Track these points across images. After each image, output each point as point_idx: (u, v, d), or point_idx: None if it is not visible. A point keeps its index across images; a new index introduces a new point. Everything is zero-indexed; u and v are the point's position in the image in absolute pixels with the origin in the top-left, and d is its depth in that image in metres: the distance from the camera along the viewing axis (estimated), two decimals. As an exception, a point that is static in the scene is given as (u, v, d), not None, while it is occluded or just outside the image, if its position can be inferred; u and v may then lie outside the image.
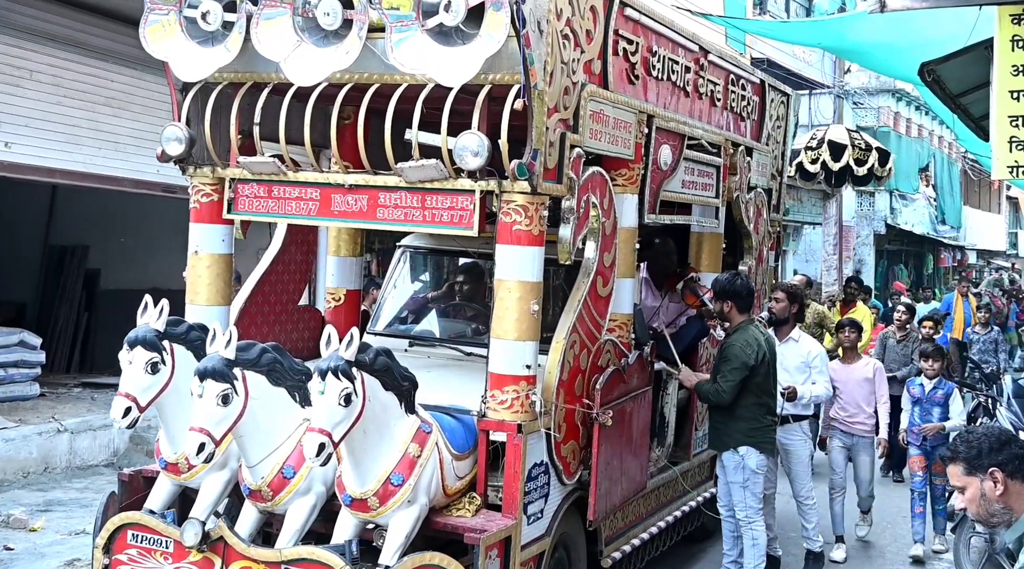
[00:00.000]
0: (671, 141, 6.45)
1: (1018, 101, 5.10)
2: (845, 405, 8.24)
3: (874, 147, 12.54)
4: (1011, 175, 5.27)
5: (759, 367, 6.44)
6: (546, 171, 5.01)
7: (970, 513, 3.39)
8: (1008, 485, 3.23)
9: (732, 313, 6.59)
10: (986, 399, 10.05)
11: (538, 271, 5.06)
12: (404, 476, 4.70)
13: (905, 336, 10.50)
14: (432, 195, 5.12)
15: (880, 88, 26.58)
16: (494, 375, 5.08)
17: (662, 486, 6.96)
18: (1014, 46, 5.10)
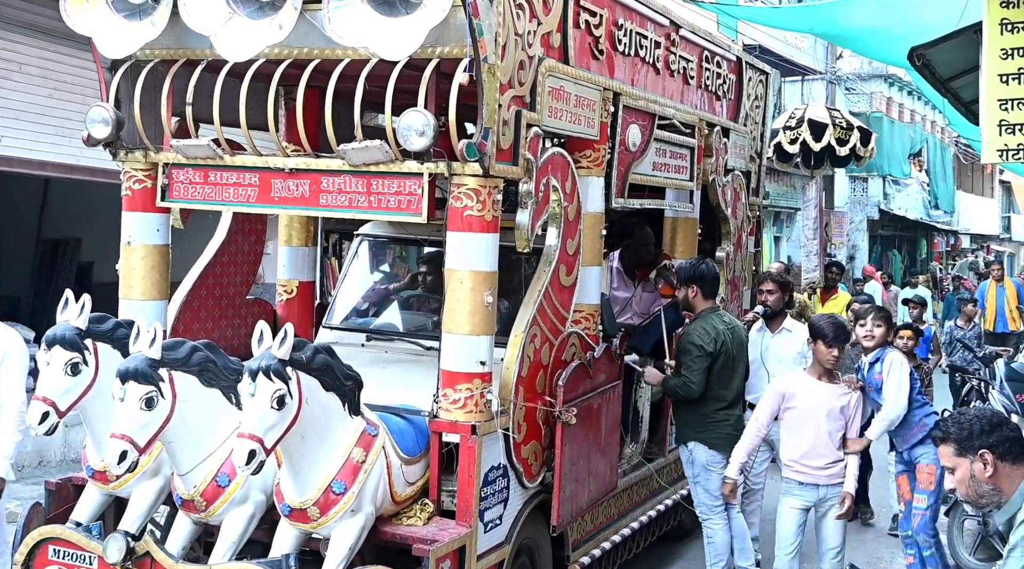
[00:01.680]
0: (640, 121, 6.09)
1: (1007, 85, 5.07)
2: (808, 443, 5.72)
3: (855, 126, 12.13)
4: (1001, 158, 5.24)
5: (717, 355, 6.10)
6: (499, 152, 4.64)
7: (959, 494, 3.39)
8: (998, 467, 3.24)
9: (696, 299, 6.24)
10: (979, 382, 9.91)
11: (492, 260, 4.70)
12: (347, 483, 4.34)
13: None
14: (378, 179, 4.75)
15: (872, 74, 26.42)
16: (446, 373, 4.72)
17: (636, 484, 6.62)
18: (1003, 29, 5.06)
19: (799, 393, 5.70)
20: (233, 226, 5.98)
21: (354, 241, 6.84)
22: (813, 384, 5.71)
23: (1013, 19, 5.05)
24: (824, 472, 5.66)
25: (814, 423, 5.65)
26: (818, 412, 5.65)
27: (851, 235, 26.25)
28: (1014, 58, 5.09)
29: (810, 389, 5.70)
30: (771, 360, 6.94)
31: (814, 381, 5.71)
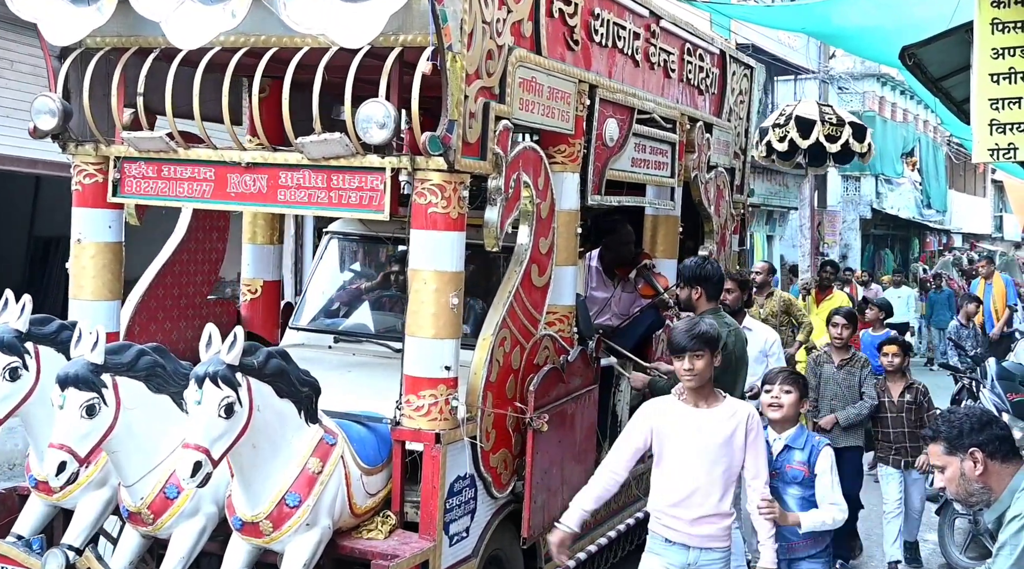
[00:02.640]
0: (618, 114, 5.86)
1: (998, 84, 5.08)
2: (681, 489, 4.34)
3: (847, 122, 11.81)
4: (992, 158, 5.23)
5: (723, 359, 5.82)
6: (466, 146, 4.41)
7: (949, 493, 3.41)
8: (988, 465, 3.27)
9: (700, 301, 5.93)
10: (970, 382, 9.77)
11: (457, 259, 4.47)
12: (302, 495, 4.11)
13: (850, 359, 7.10)
14: (338, 174, 4.52)
15: (865, 73, 26.49)
16: (409, 378, 4.49)
17: (614, 491, 6.38)
18: (994, 29, 5.06)
19: (668, 423, 4.29)
20: (193, 223, 5.73)
21: (323, 239, 6.60)
22: (685, 411, 4.28)
23: (1004, 19, 5.05)
24: (696, 529, 4.24)
25: (689, 461, 4.26)
26: (693, 446, 4.25)
27: (843, 234, 26.18)
28: (1005, 57, 5.10)
29: (682, 417, 4.28)
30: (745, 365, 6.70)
31: (685, 407, 4.29)
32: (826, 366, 7.15)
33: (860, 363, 7.09)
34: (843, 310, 7.38)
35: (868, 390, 6.96)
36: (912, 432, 6.79)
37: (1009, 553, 3.19)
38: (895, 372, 6.92)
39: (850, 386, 7.06)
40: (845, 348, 7.15)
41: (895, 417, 6.88)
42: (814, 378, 7.04)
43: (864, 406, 6.91)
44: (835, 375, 7.07)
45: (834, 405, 7.00)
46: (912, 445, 6.83)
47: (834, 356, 7.15)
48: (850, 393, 7.03)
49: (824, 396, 7.08)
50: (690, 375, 4.25)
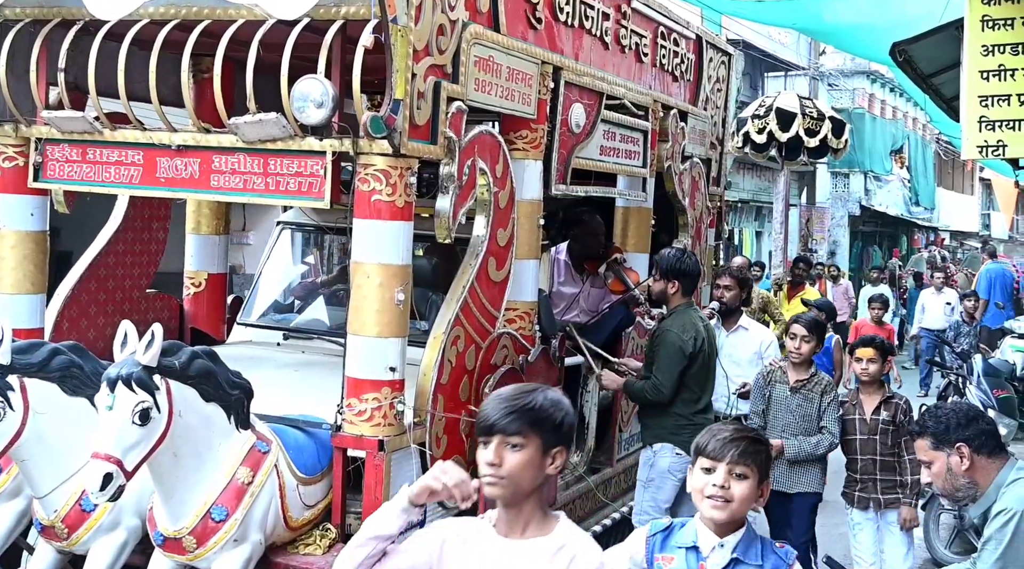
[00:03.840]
0: (585, 99, 5.52)
1: (988, 81, 5.14)
2: None
3: (827, 117, 11.58)
4: (980, 155, 5.30)
5: (696, 356, 5.51)
6: (413, 128, 4.06)
7: (936, 487, 3.43)
8: (974, 460, 3.29)
9: (675, 296, 5.61)
10: (957, 377, 9.86)
11: (404, 251, 4.12)
12: (229, 509, 3.76)
13: (807, 381, 5.54)
14: (276, 158, 4.17)
15: (855, 70, 26.59)
16: (351, 380, 4.14)
17: (580, 497, 6.06)
18: (984, 26, 5.12)
19: (463, 555, 2.57)
20: (130, 211, 5.36)
21: (274, 229, 6.24)
22: (488, 542, 2.55)
23: (994, 15, 5.09)
24: None
25: None
26: None
27: (832, 231, 26.23)
28: (995, 54, 5.14)
29: (482, 551, 2.55)
30: (726, 360, 6.38)
31: (491, 534, 2.56)
32: (778, 386, 5.61)
33: (821, 386, 5.52)
34: (804, 318, 5.80)
35: (829, 422, 5.45)
36: (886, 461, 5.36)
37: (994, 548, 3.22)
38: (871, 383, 5.49)
39: (805, 415, 5.49)
40: (804, 365, 5.59)
41: (865, 440, 5.39)
42: (762, 399, 5.64)
43: (821, 444, 5.43)
44: (788, 400, 5.53)
45: (785, 436, 5.49)
46: (885, 478, 5.38)
47: (789, 374, 5.60)
48: (805, 424, 5.50)
49: (774, 424, 5.57)
50: (494, 476, 2.47)
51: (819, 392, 5.51)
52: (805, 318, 5.84)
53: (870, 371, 5.47)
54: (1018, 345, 10.61)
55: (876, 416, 5.40)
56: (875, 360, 5.46)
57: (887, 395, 5.50)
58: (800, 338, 5.58)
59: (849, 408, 5.52)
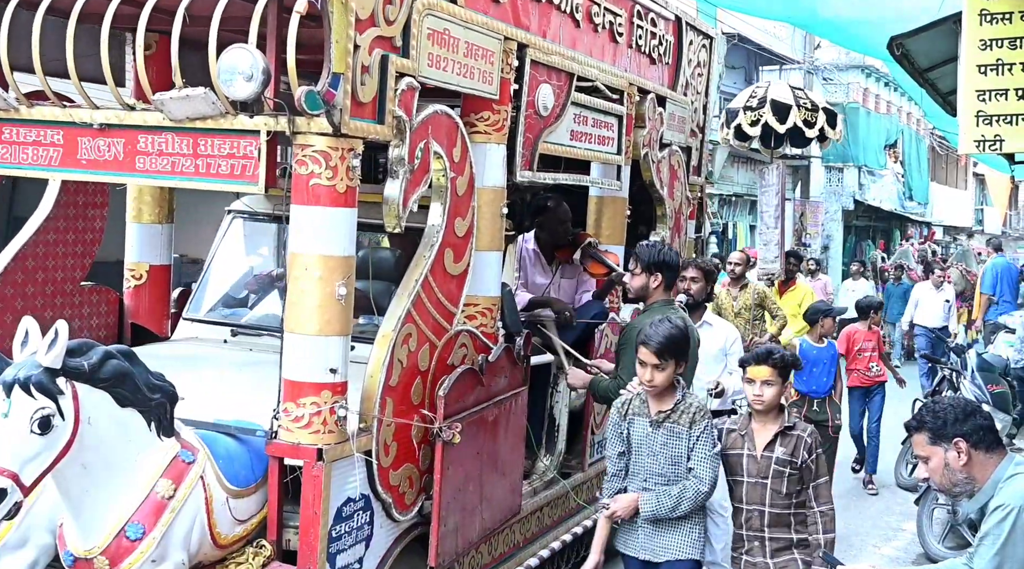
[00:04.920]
0: (554, 80, 5.14)
1: (985, 75, 5.12)
2: None
3: (821, 107, 11.23)
4: (977, 149, 5.27)
5: None
6: (356, 105, 3.69)
7: (933, 482, 3.42)
8: (972, 455, 3.29)
9: (658, 289, 5.23)
10: (951, 372, 9.78)
11: (346, 241, 3.76)
12: (146, 526, 3.39)
13: (672, 411, 4.23)
14: (206, 138, 3.79)
15: (850, 64, 26.62)
16: (288, 383, 3.78)
17: (548, 505, 5.71)
18: (982, 20, 5.10)
19: None
20: (62, 196, 4.97)
21: (225, 218, 5.86)
22: None
23: (992, 9, 5.06)
24: None
25: None
26: None
27: (826, 225, 26.10)
28: (993, 49, 5.10)
29: None
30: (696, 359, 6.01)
31: None
32: (637, 421, 4.24)
33: (690, 414, 4.15)
34: (767, 355, 4.26)
35: (699, 462, 4.11)
36: (778, 515, 4.15)
37: (992, 543, 3.21)
38: (766, 411, 4.20)
39: (674, 456, 4.16)
40: (667, 391, 4.20)
41: (753, 485, 4.17)
42: (620, 439, 4.29)
43: (684, 496, 4.10)
44: (650, 437, 4.20)
45: (649, 485, 4.18)
46: (777, 538, 4.17)
47: (650, 404, 4.23)
48: (674, 469, 4.16)
49: (635, 471, 4.22)
50: None
51: (686, 424, 4.15)
52: (768, 355, 4.26)
53: (765, 397, 4.17)
54: (1012, 340, 10.46)
55: (769, 453, 4.16)
56: (772, 382, 4.19)
57: (785, 425, 4.21)
58: (761, 383, 4.20)
59: (736, 440, 4.25)
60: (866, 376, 9.13)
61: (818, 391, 7.87)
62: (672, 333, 4.17)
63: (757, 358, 4.26)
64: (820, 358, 7.90)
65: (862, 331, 9.13)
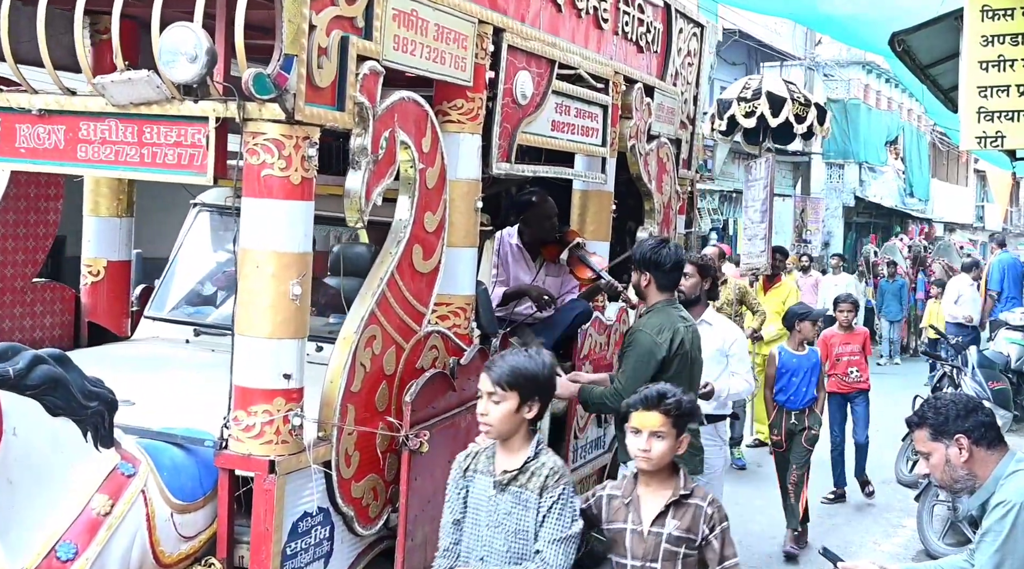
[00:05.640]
0: (533, 67, 4.88)
1: (987, 72, 5.12)
2: None
3: (812, 103, 11.15)
4: (979, 146, 5.28)
5: (671, 360, 4.85)
6: (313, 90, 3.42)
7: (934, 479, 3.41)
8: (973, 451, 3.28)
9: (649, 289, 4.95)
10: (952, 369, 9.85)
11: (301, 236, 3.49)
12: (79, 545, 3.12)
13: (520, 471, 3.36)
14: (151, 125, 3.53)
15: (851, 60, 26.69)
16: (239, 389, 3.51)
17: (528, 512, 5.45)
18: (983, 16, 5.11)
19: None
20: (11, 187, 4.70)
21: (190, 211, 5.59)
22: None
23: (994, 6, 5.07)
24: None
25: None
26: None
27: (826, 221, 26.19)
28: (994, 45, 5.10)
29: None
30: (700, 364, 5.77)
31: None
32: (478, 479, 3.40)
33: (542, 478, 3.29)
34: (657, 399, 3.37)
35: (547, 544, 3.23)
36: None
37: (993, 539, 3.20)
38: (654, 472, 3.34)
39: (520, 530, 3.28)
40: (519, 442, 3.37)
41: None
42: (460, 501, 3.42)
43: None
44: (492, 502, 3.34)
45: (490, 566, 3.33)
46: None
47: (497, 458, 3.39)
48: (520, 542, 3.29)
49: (472, 544, 3.37)
50: None
51: (537, 488, 3.26)
52: (660, 399, 3.35)
53: (654, 453, 3.30)
54: (1013, 337, 10.41)
55: (659, 528, 3.31)
56: (664, 434, 3.31)
57: (680, 493, 3.33)
58: (649, 435, 3.31)
59: (617, 510, 3.39)
60: (843, 382, 8.51)
61: (795, 402, 7.42)
62: (523, 365, 3.35)
63: (646, 402, 3.37)
64: (800, 367, 7.45)
65: (839, 334, 8.54)
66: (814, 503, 8.16)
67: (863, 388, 8.53)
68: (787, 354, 7.53)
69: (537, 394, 3.37)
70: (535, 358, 3.44)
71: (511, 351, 3.59)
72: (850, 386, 8.51)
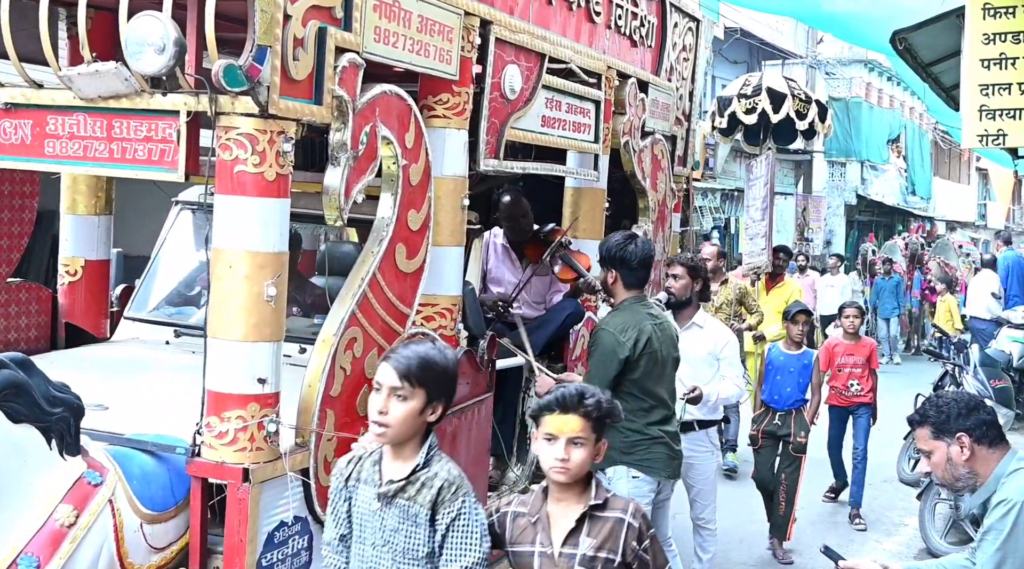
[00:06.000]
0: (522, 61, 4.74)
1: (988, 70, 5.11)
2: None
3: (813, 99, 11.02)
4: (980, 144, 5.25)
5: (637, 359, 4.73)
6: (288, 83, 3.28)
7: (935, 477, 3.42)
8: (975, 450, 3.29)
9: (616, 287, 4.87)
10: (953, 367, 9.81)
11: (277, 235, 3.35)
12: (41, 558, 2.99)
13: (412, 478, 2.95)
14: (121, 119, 3.39)
15: (853, 58, 26.73)
16: (212, 394, 3.37)
17: (519, 518, 5.32)
18: (985, 14, 5.10)
19: None
20: (-17, 187, 4.57)
21: (172, 209, 5.45)
22: None
23: (996, 4, 5.06)
24: None
25: None
26: None
27: (828, 220, 26.18)
28: (996, 43, 5.09)
29: None
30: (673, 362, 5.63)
31: None
32: (362, 489, 3.03)
33: (434, 488, 2.90)
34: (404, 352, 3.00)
35: (457, 560, 2.87)
36: None
37: (994, 538, 3.20)
38: (568, 485, 2.91)
39: (409, 547, 2.89)
40: (409, 445, 2.97)
41: None
42: (345, 516, 3.05)
43: None
44: (378, 516, 2.95)
45: None
46: None
47: (385, 464, 3.03)
48: (407, 559, 2.91)
49: (358, 562, 3.02)
50: None
51: (429, 501, 2.87)
52: (580, 399, 2.89)
53: (572, 463, 2.86)
54: (1015, 335, 10.36)
55: (571, 548, 2.88)
56: (583, 440, 2.87)
57: (591, 504, 2.90)
58: (567, 442, 2.85)
59: (524, 531, 2.96)
60: (842, 395, 7.94)
61: (779, 403, 7.14)
62: (430, 357, 2.94)
63: (563, 403, 2.87)
64: (787, 365, 7.20)
65: (843, 343, 7.96)
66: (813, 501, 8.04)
67: (865, 402, 7.92)
68: (776, 351, 7.40)
69: (444, 395, 2.97)
70: (444, 352, 3.05)
71: (416, 341, 3.25)
72: (849, 400, 7.95)
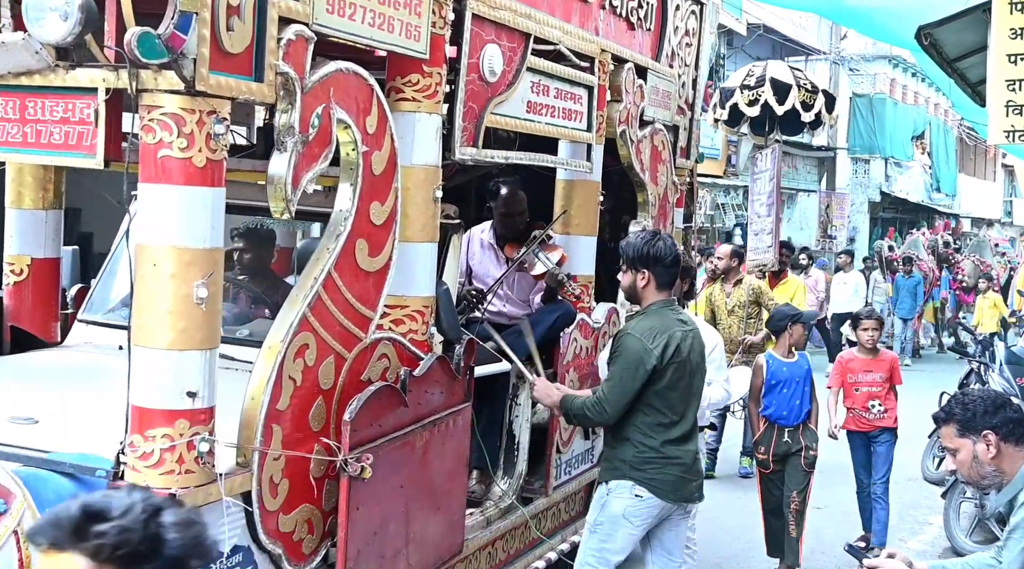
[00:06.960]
0: (504, 40, 4.34)
1: (1015, 65, 5.05)
2: None
3: (820, 90, 10.65)
4: (1007, 140, 5.16)
5: (664, 369, 4.29)
6: (221, 56, 2.89)
7: (961, 475, 3.41)
8: (1001, 448, 3.25)
9: (648, 290, 4.38)
10: (979, 365, 9.59)
11: (207, 229, 2.95)
12: (-71, 599, 2.61)
13: None
14: (35, 98, 3.01)
15: (877, 54, 26.18)
16: (135, 410, 2.98)
17: (504, 537, 4.93)
18: (1012, 9, 5.04)
19: None
20: (-83, 178, 4.20)
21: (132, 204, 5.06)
22: None
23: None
24: None
25: None
26: None
27: (852, 217, 25.84)
28: (1023, 38, 5.02)
29: None
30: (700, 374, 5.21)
31: None
32: None
33: None
34: None
35: None
36: None
37: (1020, 537, 3.16)
38: None
39: None
40: None
41: None
42: None
43: None
44: None
45: None
46: None
47: None
48: None
49: None
50: None
51: None
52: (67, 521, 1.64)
53: None
54: None
55: None
56: None
57: None
58: None
59: None
60: (863, 419, 6.83)
61: (789, 418, 6.30)
62: None
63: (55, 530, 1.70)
64: (792, 376, 6.33)
65: (859, 358, 6.90)
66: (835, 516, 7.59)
67: (888, 426, 6.86)
68: (776, 362, 6.43)
69: None
70: None
71: None
72: (871, 424, 6.84)
